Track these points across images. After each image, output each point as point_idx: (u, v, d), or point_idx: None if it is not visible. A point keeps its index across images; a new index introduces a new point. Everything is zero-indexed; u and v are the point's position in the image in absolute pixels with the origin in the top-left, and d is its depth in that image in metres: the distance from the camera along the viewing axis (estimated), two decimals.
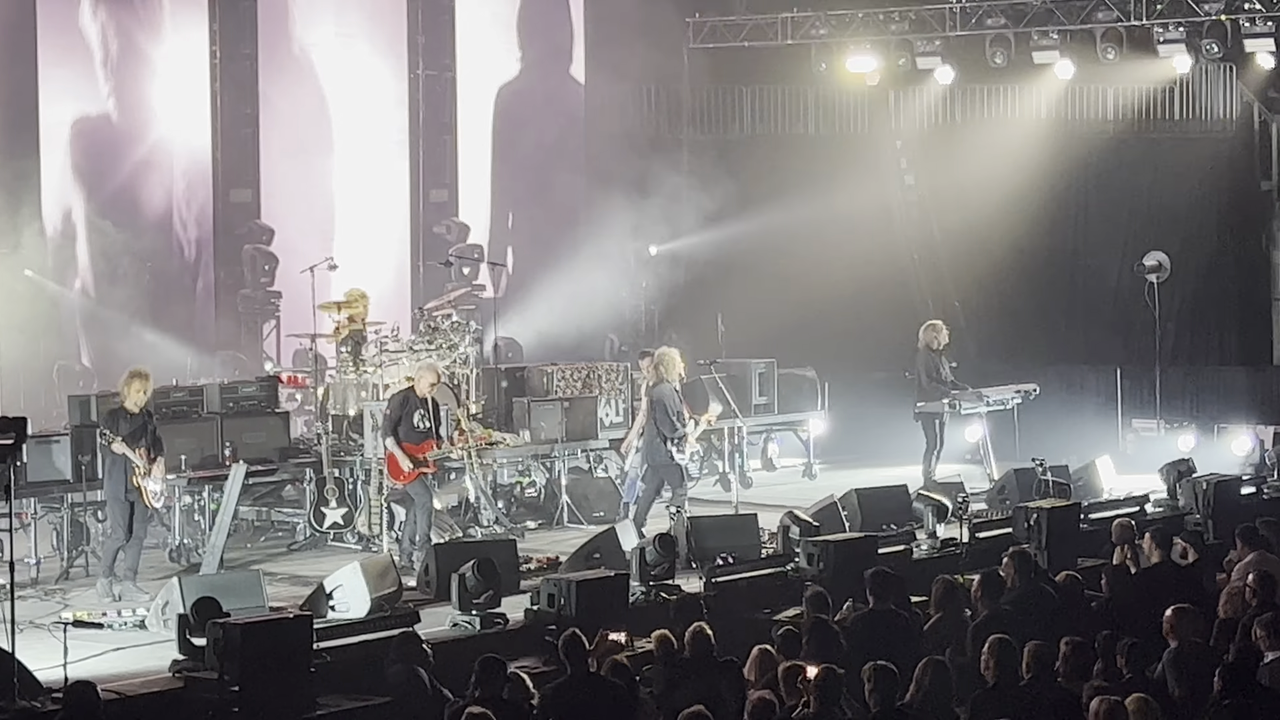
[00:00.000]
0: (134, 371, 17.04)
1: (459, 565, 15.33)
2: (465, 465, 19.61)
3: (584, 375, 22.45)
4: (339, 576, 15.30)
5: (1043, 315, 28.74)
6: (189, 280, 25.50)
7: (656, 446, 19.44)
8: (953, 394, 22.31)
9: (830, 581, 15.59)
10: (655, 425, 19.39)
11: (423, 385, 18.40)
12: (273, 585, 16.28)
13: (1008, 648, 11.93)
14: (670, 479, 19.59)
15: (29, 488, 17.47)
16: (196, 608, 13.61)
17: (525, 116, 29.06)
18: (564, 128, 29.41)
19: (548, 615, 14.96)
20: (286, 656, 13.01)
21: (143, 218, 24.56)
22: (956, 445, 23.03)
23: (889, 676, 11.30)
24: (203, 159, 25.44)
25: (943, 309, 27.46)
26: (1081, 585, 15.15)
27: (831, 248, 27.43)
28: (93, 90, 24.39)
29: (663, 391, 19.44)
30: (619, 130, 29.16)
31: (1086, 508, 19.44)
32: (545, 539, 19.58)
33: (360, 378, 20.18)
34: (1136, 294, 26.67)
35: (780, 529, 17.99)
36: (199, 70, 25.37)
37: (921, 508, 19.09)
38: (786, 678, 11.94)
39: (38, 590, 16.87)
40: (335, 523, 19.12)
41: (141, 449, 16.57)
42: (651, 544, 16.37)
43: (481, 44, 28.77)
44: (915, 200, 29.47)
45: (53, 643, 13.50)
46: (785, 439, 24.87)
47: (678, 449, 19.29)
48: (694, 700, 11.50)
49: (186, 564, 17.92)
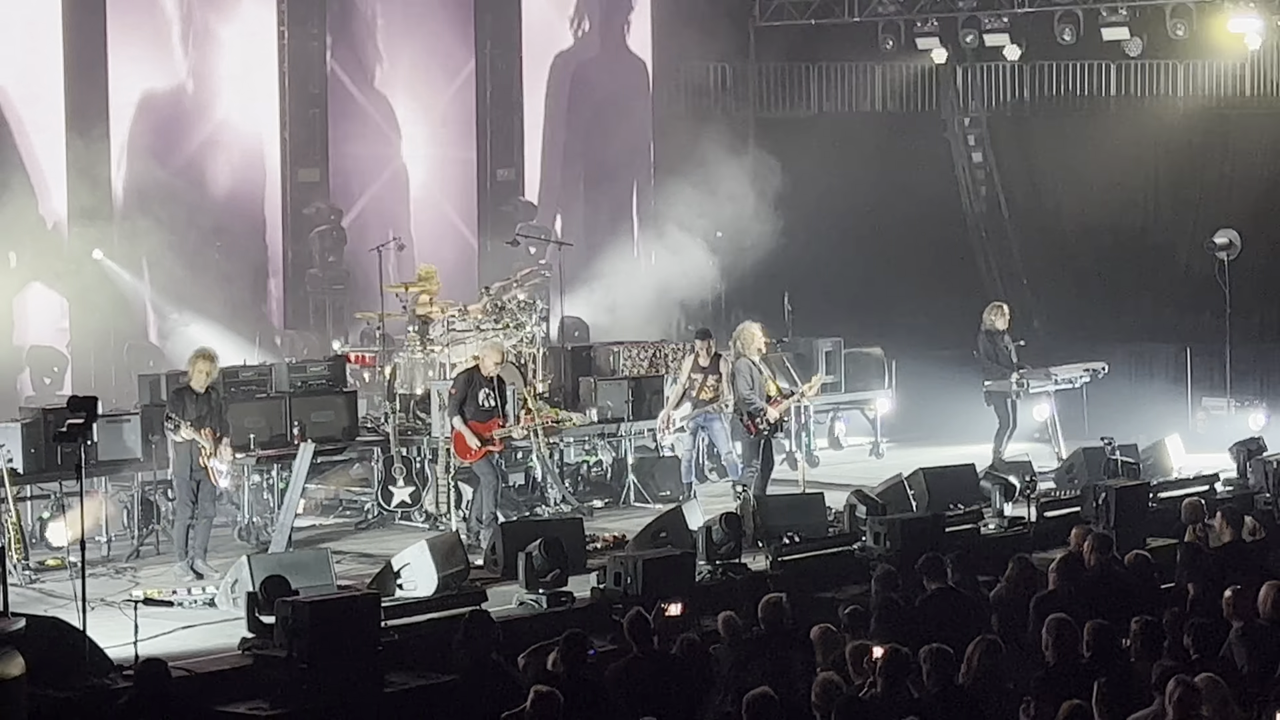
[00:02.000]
0: (200, 352, 17.13)
1: (526, 544, 15.36)
2: (532, 444, 19.64)
3: (650, 354, 22.46)
4: (406, 555, 15.34)
5: (1112, 293, 28.57)
6: (257, 259, 25.60)
7: (734, 421, 19.49)
8: (1021, 372, 22.19)
9: (897, 561, 15.55)
10: (734, 399, 19.48)
11: (487, 364, 18.42)
12: (341, 564, 16.34)
13: (1067, 627, 11.87)
14: (744, 455, 19.60)
15: (100, 466, 17.58)
16: (265, 586, 13.69)
17: (591, 96, 29.06)
18: (630, 106, 29.39)
19: (614, 594, 14.97)
20: (354, 634, 13.05)
21: (210, 196, 24.67)
22: (1024, 424, 22.89)
23: (946, 659, 11.26)
24: (271, 138, 25.54)
25: (1011, 287, 27.36)
26: (1151, 565, 15.07)
27: (899, 226, 27.34)
28: (162, 68, 24.50)
29: (739, 366, 19.48)
30: (685, 109, 29.14)
31: (1155, 487, 19.32)
32: (612, 518, 19.60)
33: (427, 357, 20.22)
34: (1206, 272, 26.49)
35: (847, 508, 17.97)
36: (267, 49, 25.45)
37: (989, 486, 19.03)
38: (854, 657, 11.93)
39: (108, 568, 17.00)
40: (403, 501, 19.19)
41: (207, 429, 16.64)
42: (718, 523, 16.36)
43: (547, 24, 28.78)
44: (983, 178, 29.32)
45: (123, 620, 13.62)
46: (852, 417, 24.81)
47: (753, 424, 19.26)
48: (762, 679, 11.49)
49: (255, 543, 18.01)
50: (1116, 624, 12.22)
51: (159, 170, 24.21)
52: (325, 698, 12.71)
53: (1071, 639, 11.82)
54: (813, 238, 27.78)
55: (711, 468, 21.46)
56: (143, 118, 24.19)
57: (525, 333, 20.86)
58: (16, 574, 15.84)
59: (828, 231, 27.73)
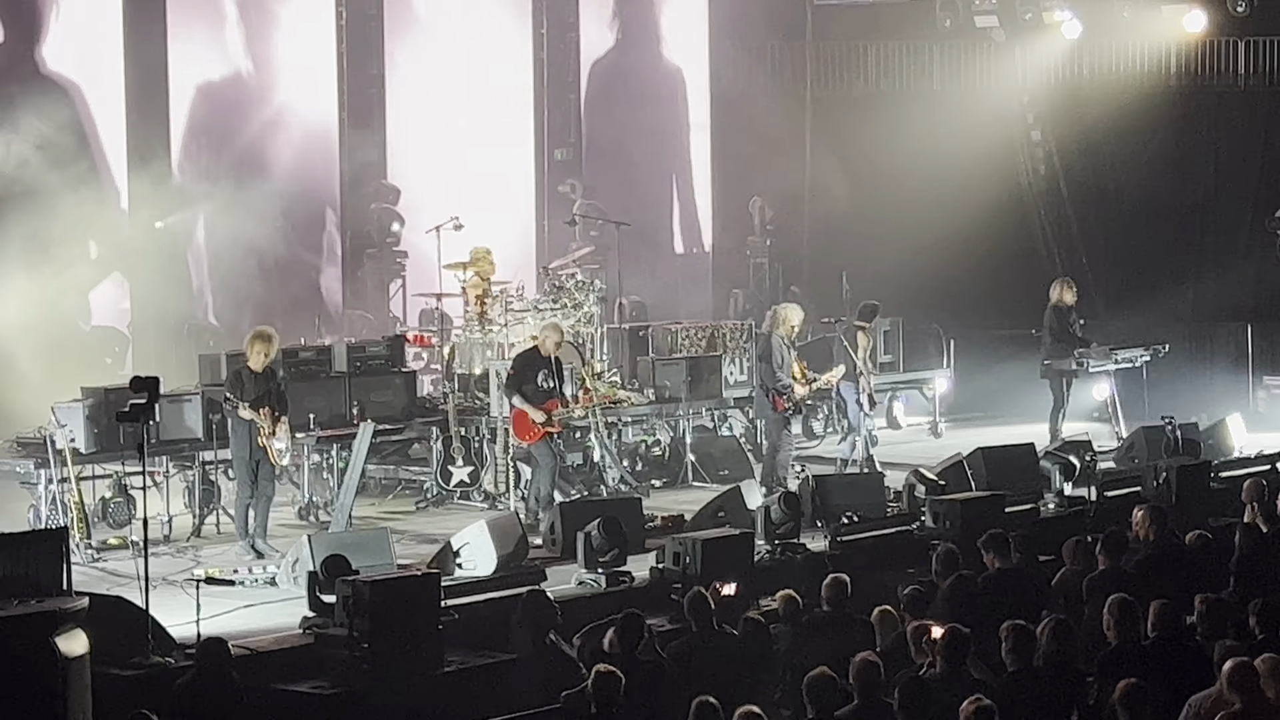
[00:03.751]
0: (258, 332, 17.18)
1: (585, 524, 15.40)
2: (590, 424, 19.66)
3: (708, 334, 22.44)
4: (466, 534, 15.39)
5: (1172, 271, 28.42)
6: (315, 240, 25.65)
7: (760, 399, 19.53)
8: (1080, 351, 22.10)
9: (957, 541, 15.51)
10: (760, 377, 19.52)
11: (547, 345, 18.43)
12: (400, 543, 16.38)
13: (1129, 607, 11.82)
14: (770, 434, 19.64)
15: (161, 446, 17.68)
16: (326, 565, 13.74)
17: (648, 74, 29.01)
18: (686, 86, 29.34)
19: (673, 574, 14.97)
20: (415, 613, 13.10)
21: (270, 177, 24.69)
22: (1085, 403, 22.83)
23: (1027, 637, 11.21)
24: (329, 119, 25.55)
25: (1070, 265, 27.23)
26: (1212, 544, 15.00)
27: (957, 204, 27.24)
28: (222, 49, 24.52)
29: (769, 344, 19.51)
30: (742, 88, 29.08)
31: (1216, 466, 19.25)
32: (670, 497, 19.59)
33: (486, 337, 20.26)
34: (1268, 249, 26.36)
35: (906, 488, 17.95)
36: (325, 30, 25.47)
37: (1049, 466, 18.96)
38: (914, 637, 11.91)
39: (170, 547, 17.10)
40: (462, 481, 19.24)
41: (265, 409, 16.70)
42: (777, 502, 16.36)
43: (603, 1, 28.74)
44: (1042, 156, 29.19)
45: (185, 599, 13.70)
46: (911, 397, 24.76)
47: (779, 402, 19.28)
48: (821, 659, 11.48)
49: (315, 522, 18.08)
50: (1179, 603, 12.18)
51: (219, 153, 24.27)
52: (385, 676, 12.76)
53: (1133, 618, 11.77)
54: (870, 217, 27.70)
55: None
56: (203, 101, 24.24)
57: (583, 312, 20.87)
58: (80, 553, 15.96)
59: (885, 211, 27.64)
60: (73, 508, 16.58)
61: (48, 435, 16.98)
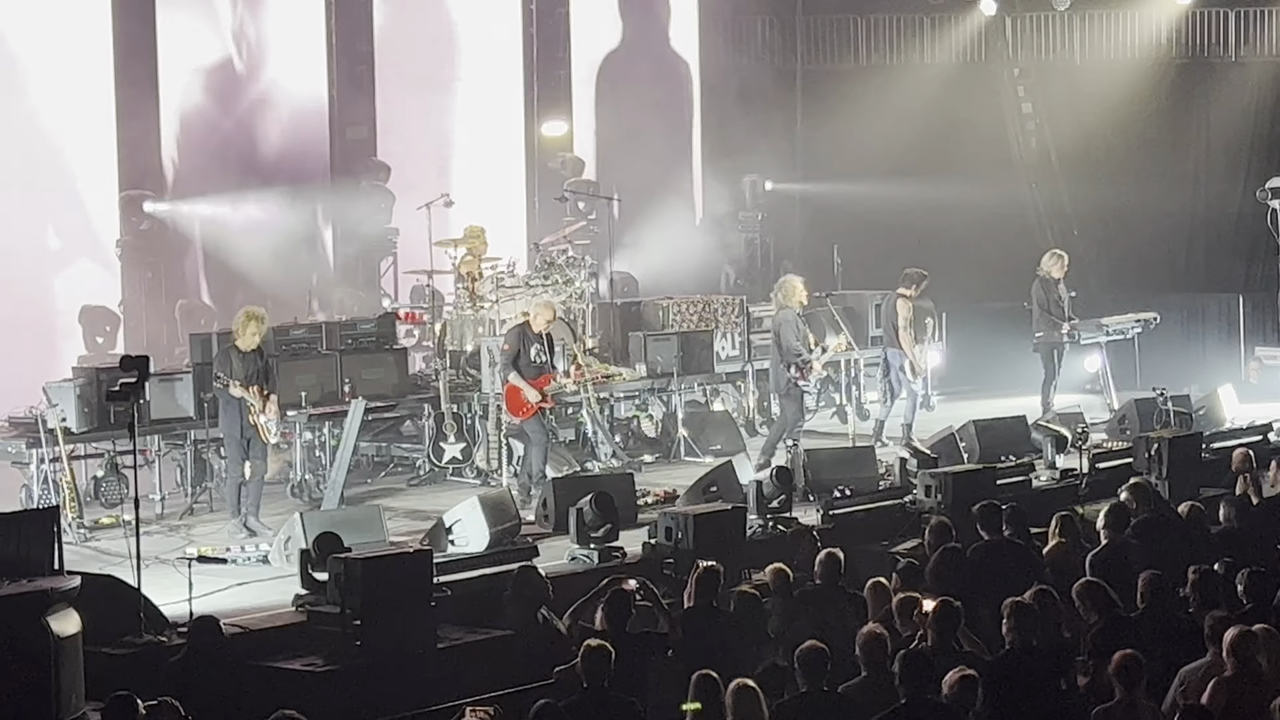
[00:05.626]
0: (248, 312, 17.14)
1: (577, 499, 15.40)
2: (582, 400, 19.66)
3: (700, 309, 22.42)
4: (458, 511, 15.41)
5: (1163, 243, 28.44)
6: (306, 217, 25.59)
7: (779, 374, 19.48)
8: (1070, 323, 22.10)
9: (948, 513, 15.53)
10: (778, 352, 19.44)
11: (539, 321, 18.41)
12: (392, 520, 16.40)
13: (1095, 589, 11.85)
14: (787, 409, 19.60)
15: (152, 425, 17.67)
16: (318, 543, 13.75)
17: (637, 49, 28.95)
18: (676, 60, 29.29)
19: (665, 549, 14.98)
20: (407, 590, 13.11)
21: (261, 155, 24.66)
22: (1076, 375, 22.83)
23: (1030, 615, 11.19)
24: (318, 96, 25.50)
25: (1061, 238, 27.23)
26: (1204, 515, 15.02)
27: (948, 178, 27.21)
28: (210, 29, 24.47)
29: (783, 318, 19.48)
30: (732, 62, 29.03)
31: (1208, 437, 19.24)
32: (662, 472, 19.61)
33: (477, 314, 20.24)
34: (1259, 220, 26.30)
35: (898, 461, 17.95)
36: (314, 7, 25.41)
37: (1041, 438, 18.99)
38: (902, 610, 11.92)
39: (162, 526, 17.12)
40: (454, 458, 19.23)
41: (255, 387, 16.69)
42: (769, 477, 16.36)
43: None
44: (1033, 129, 29.19)
45: (177, 578, 13.71)
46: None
47: (801, 375, 19.26)
48: (812, 633, 11.50)
49: (308, 500, 18.08)
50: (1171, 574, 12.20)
51: (210, 130, 24.23)
52: (378, 653, 12.78)
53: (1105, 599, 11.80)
54: (862, 191, 27.67)
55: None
56: (193, 78, 24.19)
57: (574, 289, 20.87)
58: (71, 532, 15.97)
59: (877, 184, 27.61)
60: (64, 487, 16.59)
61: (39, 414, 16.98)
